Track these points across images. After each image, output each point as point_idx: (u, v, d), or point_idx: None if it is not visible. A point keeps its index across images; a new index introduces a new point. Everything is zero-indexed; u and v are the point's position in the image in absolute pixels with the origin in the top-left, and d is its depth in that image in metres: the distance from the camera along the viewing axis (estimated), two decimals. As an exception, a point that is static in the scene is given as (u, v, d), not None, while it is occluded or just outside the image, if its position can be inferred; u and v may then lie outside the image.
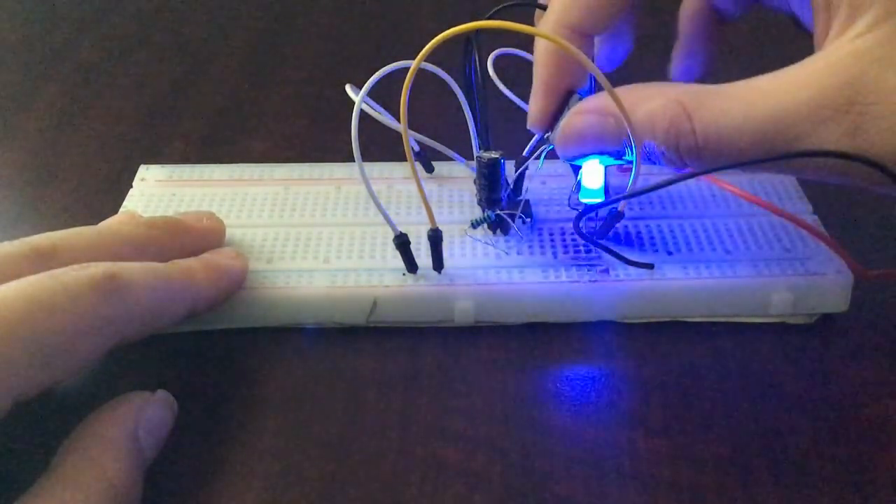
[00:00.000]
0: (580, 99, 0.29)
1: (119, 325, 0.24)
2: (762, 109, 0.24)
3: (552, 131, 0.29)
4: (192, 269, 0.28)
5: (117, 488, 0.22)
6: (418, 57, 0.26)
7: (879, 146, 0.23)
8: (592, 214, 0.31)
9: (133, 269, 0.25)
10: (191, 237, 0.30)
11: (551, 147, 0.30)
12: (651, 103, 0.26)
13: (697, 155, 0.25)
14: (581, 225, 0.30)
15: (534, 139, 0.31)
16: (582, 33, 0.28)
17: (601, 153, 0.28)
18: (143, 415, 0.25)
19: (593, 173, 0.31)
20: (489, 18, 0.30)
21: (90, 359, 0.24)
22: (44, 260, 0.25)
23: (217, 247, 0.31)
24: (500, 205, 0.31)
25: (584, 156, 0.29)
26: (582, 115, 0.28)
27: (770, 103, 0.24)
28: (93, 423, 0.24)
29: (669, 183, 0.27)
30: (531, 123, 0.30)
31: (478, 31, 0.26)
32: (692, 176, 0.27)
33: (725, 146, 0.25)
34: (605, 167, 0.31)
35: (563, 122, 0.28)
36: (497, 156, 0.30)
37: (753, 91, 0.25)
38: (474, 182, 0.31)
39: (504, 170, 0.30)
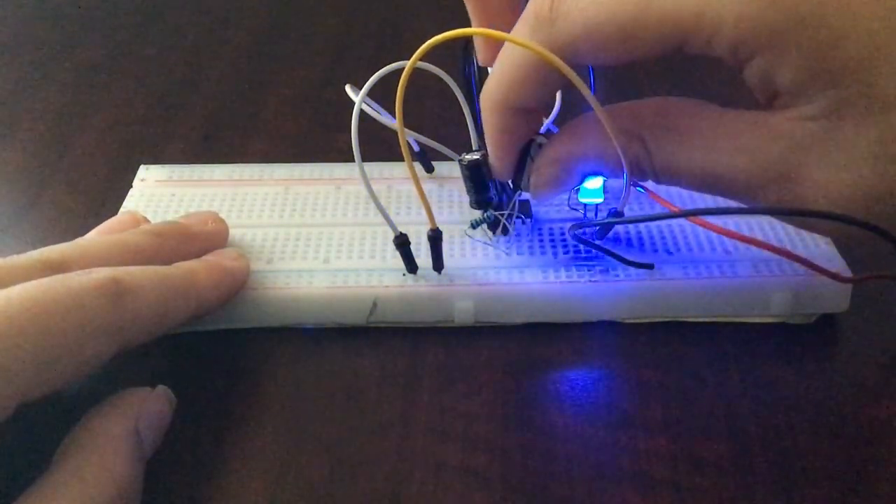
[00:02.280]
0: (541, 144, 0.29)
1: (124, 329, 0.24)
2: (702, 163, 0.26)
3: (519, 178, 0.29)
4: (195, 272, 0.28)
5: (120, 482, 0.23)
6: (411, 59, 0.26)
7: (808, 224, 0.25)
8: (591, 216, 0.31)
9: (137, 273, 0.25)
10: (196, 242, 0.30)
11: None
12: (619, 139, 0.26)
13: (658, 182, 0.27)
14: (579, 232, 0.30)
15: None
16: (518, 110, 0.28)
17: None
18: (144, 410, 0.25)
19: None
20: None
21: (95, 363, 0.24)
22: (53, 273, 0.25)
23: (220, 248, 0.31)
24: (491, 205, 0.31)
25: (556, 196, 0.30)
26: (548, 168, 0.28)
27: (710, 159, 0.25)
28: (95, 418, 0.24)
29: (661, 217, 0.28)
30: (498, 176, 0.30)
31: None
32: (684, 215, 0.27)
33: (679, 181, 0.27)
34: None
35: (533, 180, 0.29)
36: (478, 157, 0.30)
37: (699, 139, 0.26)
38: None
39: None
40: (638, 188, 0.29)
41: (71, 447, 0.23)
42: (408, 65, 0.26)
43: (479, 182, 0.30)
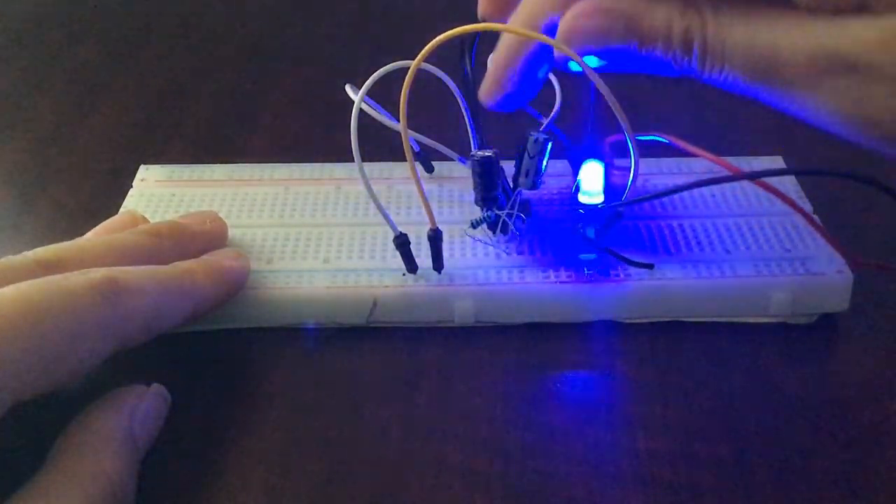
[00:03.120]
0: (538, 140, 0.28)
1: (119, 329, 0.24)
2: (764, 40, 0.24)
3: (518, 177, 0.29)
4: (192, 272, 0.28)
5: (113, 481, 0.23)
6: (417, 58, 0.26)
7: (873, 111, 0.23)
8: (593, 216, 0.31)
9: (134, 273, 0.25)
10: (194, 242, 0.30)
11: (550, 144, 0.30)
12: (669, 7, 0.25)
13: (702, 66, 0.25)
14: (581, 228, 0.30)
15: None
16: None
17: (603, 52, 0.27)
18: (138, 408, 0.25)
19: (592, 173, 0.31)
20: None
21: (91, 363, 0.24)
22: (49, 273, 0.25)
23: (219, 248, 0.31)
24: (497, 203, 0.31)
25: (586, 54, 0.27)
26: (589, 16, 0.26)
27: (773, 38, 0.24)
28: (88, 417, 0.24)
29: (669, 193, 0.27)
30: (484, 94, 0.28)
31: (474, 33, 0.26)
32: (690, 188, 0.27)
33: (728, 64, 0.25)
34: (605, 167, 0.31)
35: (568, 19, 0.26)
36: (490, 154, 0.30)
37: (764, 17, 0.24)
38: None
39: (500, 168, 0.30)
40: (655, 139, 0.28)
41: (65, 446, 0.23)
42: (413, 64, 0.26)
43: (489, 180, 0.30)
